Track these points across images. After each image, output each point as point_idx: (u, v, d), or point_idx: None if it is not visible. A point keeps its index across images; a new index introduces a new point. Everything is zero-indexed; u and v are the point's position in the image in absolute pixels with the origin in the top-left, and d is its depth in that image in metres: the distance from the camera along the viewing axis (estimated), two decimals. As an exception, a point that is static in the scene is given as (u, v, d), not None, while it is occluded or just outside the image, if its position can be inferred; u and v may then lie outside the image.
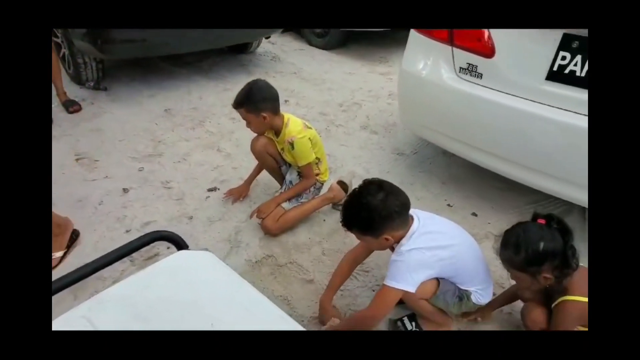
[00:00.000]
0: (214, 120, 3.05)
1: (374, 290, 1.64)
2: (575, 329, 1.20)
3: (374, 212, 1.14)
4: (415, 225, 1.22)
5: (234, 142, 2.73)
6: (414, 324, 1.44)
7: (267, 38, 4.01)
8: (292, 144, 1.81)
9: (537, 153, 1.63)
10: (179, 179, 2.33)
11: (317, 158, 1.93)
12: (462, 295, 1.33)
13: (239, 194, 2.13)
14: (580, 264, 1.22)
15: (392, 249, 1.27)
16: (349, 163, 2.52)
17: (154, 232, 1.15)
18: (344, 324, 1.34)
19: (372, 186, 1.18)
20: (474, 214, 2.10)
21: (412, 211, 1.27)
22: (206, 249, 1.82)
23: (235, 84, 3.57)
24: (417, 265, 1.21)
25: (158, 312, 0.86)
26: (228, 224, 1.99)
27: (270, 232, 1.87)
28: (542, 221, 1.15)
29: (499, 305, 1.49)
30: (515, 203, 2.14)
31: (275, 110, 1.81)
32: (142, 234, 1.13)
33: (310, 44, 4.74)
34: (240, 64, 4.09)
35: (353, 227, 1.21)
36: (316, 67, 4.12)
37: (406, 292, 1.20)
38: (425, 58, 1.89)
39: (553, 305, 1.20)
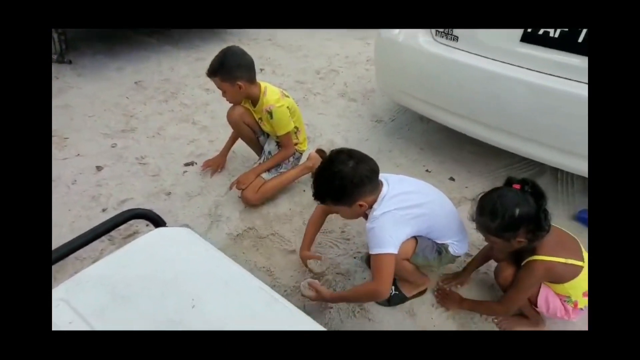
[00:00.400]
0: (188, 92, 2.95)
1: (355, 258, 1.67)
2: (539, 285, 1.27)
3: (346, 179, 1.14)
4: (385, 189, 1.23)
5: (209, 114, 2.66)
6: (393, 288, 1.48)
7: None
8: (270, 113, 1.77)
9: (512, 115, 1.64)
10: (154, 155, 2.27)
11: (295, 127, 1.90)
12: (440, 249, 1.37)
13: (216, 165, 2.10)
14: (555, 225, 1.28)
15: (366, 217, 1.28)
16: (328, 132, 2.50)
17: (130, 210, 1.13)
18: (345, 294, 1.37)
19: (342, 155, 1.18)
20: (452, 179, 2.14)
21: (381, 176, 1.28)
22: (186, 225, 1.81)
23: (208, 53, 3.45)
24: (392, 226, 1.22)
25: (138, 291, 0.86)
26: (207, 198, 1.97)
27: (251, 203, 1.87)
28: (517, 186, 1.17)
29: (474, 268, 1.55)
30: (490, 167, 2.18)
31: (251, 78, 1.76)
32: (119, 212, 1.11)
33: (285, 8, 4.57)
34: (212, 32, 3.93)
35: (326, 198, 1.21)
36: (292, 33, 4.00)
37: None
38: (401, 22, 1.84)
39: (522, 263, 1.25)
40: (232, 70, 1.70)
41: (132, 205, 1.90)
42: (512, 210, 1.14)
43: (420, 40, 1.78)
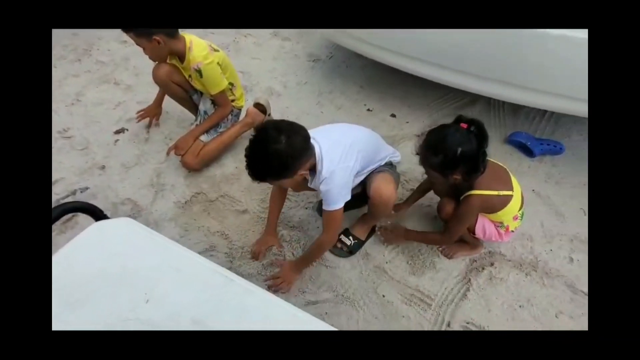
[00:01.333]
0: (103, 46, 2.64)
1: (306, 208, 1.71)
2: (478, 219, 1.39)
3: (283, 156, 1.11)
4: (317, 148, 1.24)
5: (132, 71, 2.43)
6: (350, 237, 1.56)
7: None
8: (199, 71, 1.65)
9: (440, 49, 1.66)
10: (78, 125, 2.08)
11: (230, 83, 1.80)
12: (392, 164, 1.51)
13: (152, 114, 1.98)
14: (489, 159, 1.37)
15: (305, 180, 1.30)
16: (264, 78, 2.39)
17: (61, 205, 1.06)
18: (303, 256, 1.44)
19: (271, 132, 1.13)
20: (393, 115, 2.17)
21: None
22: (129, 199, 1.73)
23: None
24: (343, 181, 1.27)
25: (86, 294, 0.84)
26: (146, 167, 1.88)
27: (193, 168, 1.81)
28: (464, 125, 1.22)
29: (414, 200, 1.65)
30: (428, 99, 2.23)
31: (170, 32, 1.59)
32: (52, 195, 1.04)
33: None
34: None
35: (267, 177, 1.19)
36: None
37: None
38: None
39: (461, 198, 1.35)
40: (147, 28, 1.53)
41: (65, 185, 1.77)
42: (454, 149, 1.20)
43: (348, -26, 1.67)
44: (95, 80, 2.37)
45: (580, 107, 1.61)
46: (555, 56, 1.49)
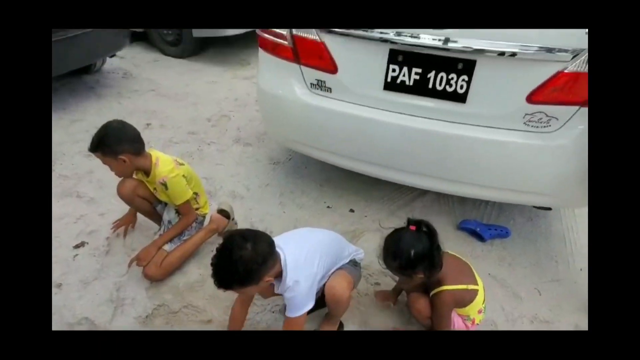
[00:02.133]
0: (66, 160, 2.70)
1: (273, 312, 1.70)
2: (452, 313, 1.44)
3: (250, 263, 1.16)
4: (282, 255, 1.29)
5: (95, 184, 2.47)
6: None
7: (111, 57, 3.65)
8: (164, 184, 1.73)
9: (384, 152, 1.85)
10: (36, 242, 2.04)
11: (194, 193, 1.87)
12: (356, 264, 1.57)
13: (127, 222, 1.98)
14: (448, 251, 1.47)
15: (272, 286, 1.33)
16: (228, 183, 2.50)
17: None
18: None
19: (237, 239, 1.19)
20: (352, 210, 2.29)
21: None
22: (86, 318, 1.66)
23: (84, 113, 3.20)
24: (308, 289, 1.31)
25: None
26: (106, 281, 1.83)
27: (155, 279, 1.79)
28: (413, 227, 1.33)
29: (398, 293, 1.70)
30: (382, 193, 2.39)
31: (136, 151, 1.69)
32: None
33: (165, 53, 4.46)
34: (86, 87, 3.65)
35: (234, 285, 1.22)
36: (175, 79, 3.91)
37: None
38: (279, 76, 1.95)
39: (431, 295, 1.42)
40: (112, 146, 1.63)
41: (16, 309, 1.68)
42: (408, 251, 1.30)
43: (298, 92, 1.90)
44: (56, 194, 2.38)
45: (505, 195, 1.82)
46: (476, 155, 1.70)
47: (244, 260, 1.15)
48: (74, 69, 3.20)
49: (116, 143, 1.63)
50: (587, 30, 1.42)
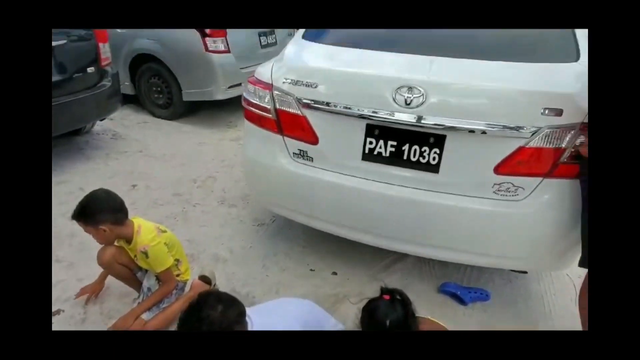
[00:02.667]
0: (49, 223, 2.69)
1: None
2: None
3: (214, 325, 1.16)
4: (250, 326, 1.27)
5: (76, 247, 2.45)
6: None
7: (101, 120, 3.76)
8: (145, 253, 1.74)
9: (363, 218, 1.91)
10: (9, 311, 1.98)
11: (176, 260, 1.88)
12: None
13: (91, 291, 1.95)
14: (428, 316, 1.48)
15: None
16: (211, 245, 2.51)
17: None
18: None
19: (211, 298, 1.20)
20: (334, 273, 2.31)
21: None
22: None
23: (71, 174, 3.24)
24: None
25: None
26: (80, 353, 1.77)
27: (133, 351, 1.73)
28: (387, 297, 1.36)
29: None
30: (364, 256, 2.43)
31: (117, 220, 1.72)
32: None
33: (155, 115, 4.61)
34: (75, 148, 3.72)
35: None
36: (164, 141, 4.02)
37: None
38: (263, 145, 2.05)
39: None
40: (95, 215, 1.66)
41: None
42: (383, 322, 1.31)
43: (281, 161, 1.99)
44: (35, 259, 2.35)
45: (480, 259, 1.88)
46: (450, 221, 1.78)
47: (210, 320, 1.14)
48: (65, 132, 3.28)
49: (98, 213, 1.67)
50: (543, 109, 1.57)
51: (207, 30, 3.88)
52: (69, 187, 3.07)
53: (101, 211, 1.67)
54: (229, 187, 3.21)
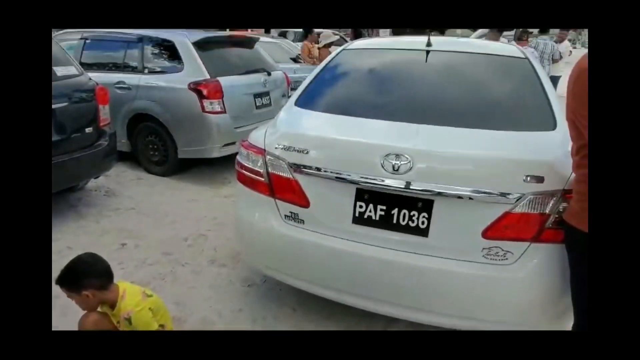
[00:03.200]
0: (33, 284, 2.62)
1: None
2: None
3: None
4: None
5: (58, 310, 2.36)
6: None
7: (96, 178, 3.79)
8: (129, 320, 1.69)
9: (355, 280, 1.90)
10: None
11: (160, 325, 1.82)
12: None
13: None
14: None
15: None
16: (200, 308, 2.44)
17: None
18: None
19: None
20: (325, 338, 2.23)
21: None
22: None
23: (61, 232, 3.20)
24: None
25: None
26: None
27: None
28: None
29: None
30: (355, 318, 2.36)
31: (102, 285, 1.69)
32: None
33: (149, 171, 4.66)
34: (68, 205, 3.71)
35: None
36: (156, 198, 4.03)
37: None
38: (255, 207, 2.08)
39: None
40: (78, 281, 1.64)
41: None
42: None
43: (273, 223, 2.01)
44: (15, 323, 2.26)
45: (473, 324, 1.83)
46: (441, 285, 1.78)
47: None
48: (59, 190, 3.29)
49: (82, 279, 1.65)
50: (525, 176, 1.63)
51: (204, 92, 4.05)
52: (57, 245, 3.02)
53: (86, 276, 1.66)
54: (220, 245, 3.18)
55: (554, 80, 7.40)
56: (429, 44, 2.32)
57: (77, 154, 3.10)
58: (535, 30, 8.10)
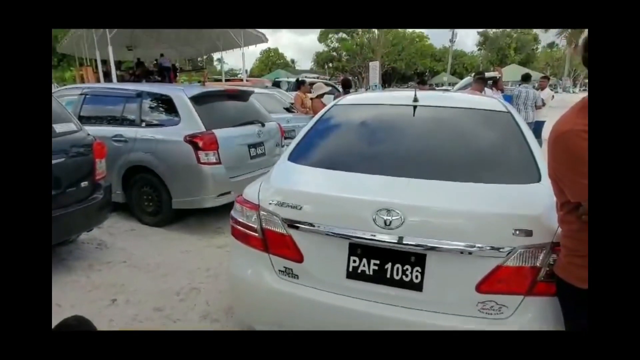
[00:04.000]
0: None
1: None
2: None
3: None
4: None
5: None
6: None
7: (89, 231, 3.77)
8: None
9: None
10: None
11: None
12: None
13: None
14: None
15: None
16: (190, 368, 2.35)
17: None
18: None
19: None
20: (321, 399, 2.15)
21: None
22: None
23: (52, 288, 3.12)
24: None
25: None
26: None
27: None
28: None
29: None
30: None
31: None
32: None
33: (142, 222, 4.64)
34: (58, 259, 3.65)
35: None
36: (149, 249, 3.98)
37: None
38: (249, 262, 2.07)
39: None
40: None
41: None
42: None
43: (267, 278, 2.00)
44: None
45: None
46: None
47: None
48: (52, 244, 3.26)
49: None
50: (514, 230, 1.66)
51: (200, 144, 4.14)
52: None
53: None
54: (213, 298, 3.11)
55: (539, 125, 7.68)
56: (415, 99, 2.43)
57: (72, 208, 3.10)
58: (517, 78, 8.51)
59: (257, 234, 2.00)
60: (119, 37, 14.70)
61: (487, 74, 8.59)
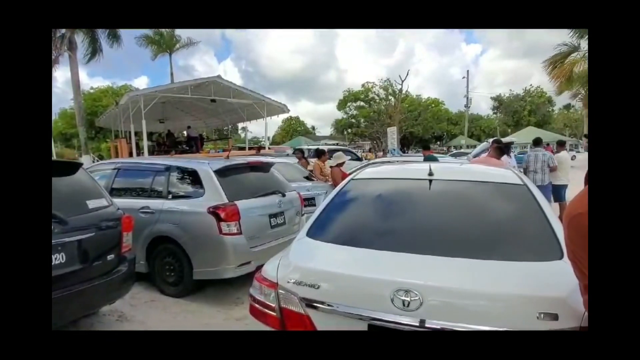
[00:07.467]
0: None
1: None
2: None
3: None
4: None
5: None
6: None
7: (111, 303, 3.81)
8: None
9: None
10: None
11: None
12: None
13: None
14: None
15: None
16: None
17: None
18: None
19: None
20: None
21: None
22: None
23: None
24: None
25: None
26: None
27: None
28: None
29: None
30: None
31: None
32: None
33: (164, 292, 4.65)
34: (77, 332, 3.67)
35: None
36: (168, 323, 3.95)
37: None
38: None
39: None
40: None
41: None
42: None
43: None
44: None
45: None
46: None
47: None
48: (74, 319, 3.30)
49: None
50: (538, 314, 1.60)
51: (222, 215, 4.26)
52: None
53: None
54: (230, 378, 3.00)
55: (557, 189, 7.48)
56: (430, 173, 2.49)
57: (97, 281, 3.17)
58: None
59: (274, 313, 1.99)
60: (152, 111, 15.85)
61: (504, 140, 8.67)
